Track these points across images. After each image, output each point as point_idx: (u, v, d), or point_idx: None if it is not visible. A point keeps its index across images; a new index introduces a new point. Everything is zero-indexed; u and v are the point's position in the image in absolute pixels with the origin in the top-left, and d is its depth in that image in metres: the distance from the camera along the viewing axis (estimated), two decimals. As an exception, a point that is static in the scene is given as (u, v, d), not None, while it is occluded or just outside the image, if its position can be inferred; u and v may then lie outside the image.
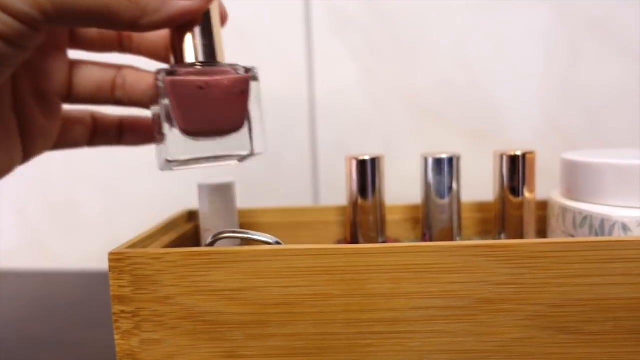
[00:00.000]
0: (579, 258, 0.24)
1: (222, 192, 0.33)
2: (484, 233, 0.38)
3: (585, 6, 0.44)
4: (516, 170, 0.32)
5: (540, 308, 0.24)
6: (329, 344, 0.25)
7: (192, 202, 0.44)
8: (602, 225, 0.28)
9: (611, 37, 0.44)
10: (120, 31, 0.25)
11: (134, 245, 0.27)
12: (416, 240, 0.37)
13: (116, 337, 0.25)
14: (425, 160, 0.32)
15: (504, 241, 0.24)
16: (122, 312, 0.25)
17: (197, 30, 0.24)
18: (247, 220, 0.38)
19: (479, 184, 0.43)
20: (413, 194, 0.37)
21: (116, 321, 0.25)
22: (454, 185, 0.32)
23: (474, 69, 0.46)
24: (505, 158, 0.32)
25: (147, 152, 0.49)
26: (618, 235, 0.27)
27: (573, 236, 0.30)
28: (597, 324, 0.24)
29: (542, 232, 0.36)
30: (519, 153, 0.32)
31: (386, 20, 0.46)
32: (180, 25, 0.24)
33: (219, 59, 0.25)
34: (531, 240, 0.24)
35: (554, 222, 0.33)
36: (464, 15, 0.45)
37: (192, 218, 0.37)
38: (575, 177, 0.31)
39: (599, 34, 0.44)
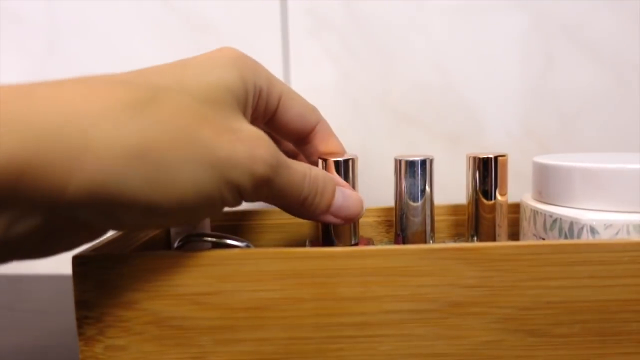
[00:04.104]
0: (548, 261, 0.24)
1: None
2: (458, 235, 0.38)
3: (560, 12, 0.45)
4: (488, 172, 0.32)
5: (509, 311, 0.24)
6: (299, 349, 0.25)
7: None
8: (571, 228, 0.28)
9: (585, 43, 0.45)
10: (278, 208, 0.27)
11: (99, 248, 0.26)
12: (390, 242, 0.37)
13: (80, 343, 0.24)
14: (398, 162, 0.32)
15: (473, 244, 0.24)
16: (86, 317, 0.24)
17: None
18: (219, 223, 0.38)
19: (454, 187, 0.43)
20: (390, 197, 0.37)
21: (80, 327, 0.24)
22: (427, 188, 0.32)
23: (449, 72, 0.46)
24: (477, 161, 0.32)
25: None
26: (586, 238, 0.27)
27: (544, 239, 0.30)
28: (565, 327, 0.24)
29: (515, 234, 0.36)
30: (490, 156, 0.32)
31: (363, 23, 0.46)
32: None
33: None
34: (500, 243, 0.24)
35: (525, 225, 0.33)
36: (440, 20, 0.46)
37: (164, 221, 0.37)
38: (545, 180, 0.31)
39: (573, 39, 0.45)
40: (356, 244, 0.30)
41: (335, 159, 0.30)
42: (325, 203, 0.26)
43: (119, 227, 0.21)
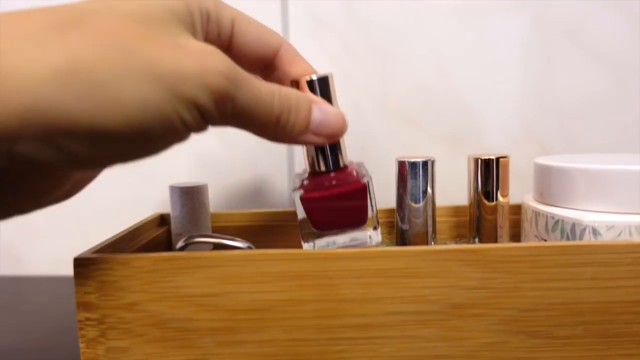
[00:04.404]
0: (550, 262, 0.24)
1: (194, 195, 0.32)
2: (459, 237, 0.38)
3: (560, 13, 0.45)
4: (490, 174, 0.32)
5: (511, 312, 0.24)
6: (301, 350, 0.24)
7: (167, 205, 0.44)
8: (573, 229, 0.28)
9: (585, 44, 0.45)
10: (257, 136, 0.25)
11: (100, 250, 0.26)
12: (391, 244, 0.37)
13: (81, 345, 0.24)
14: (400, 164, 0.32)
15: (475, 245, 0.24)
16: (88, 319, 0.24)
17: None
18: (221, 224, 0.37)
19: (455, 188, 0.43)
20: (389, 198, 0.37)
21: (81, 329, 0.24)
22: (429, 189, 0.32)
23: (449, 74, 0.46)
24: (479, 162, 0.32)
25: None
26: (588, 239, 0.27)
27: (545, 240, 0.30)
28: (567, 328, 0.24)
29: (516, 235, 0.36)
30: (492, 157, 0.32)
31: (363, 24, 0.46)
32: None
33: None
34: (502, 245, 0.24)
35: (527, 226, 0.33)
36: (440, 21, 0.46)
37: (164, 222, 0.37)
38: (547, 182, 0.31)
39: (573, 40, 0.45)
40: (345, 167, 0.28)
41: (308, 78, 0.27)
42: (302, 121, 0.24)
43: (71, 160, 0.19)
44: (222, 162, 0.49)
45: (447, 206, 0.39)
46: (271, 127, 0.23)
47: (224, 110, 0.21)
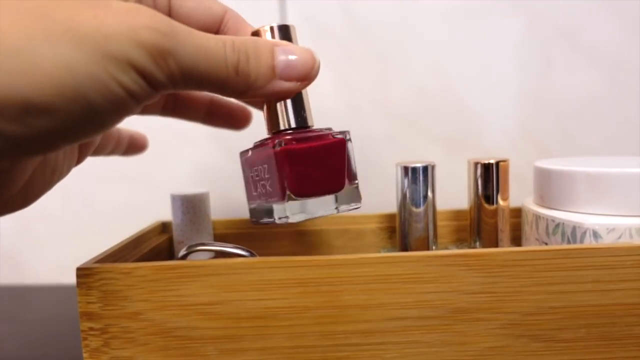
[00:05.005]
0: (551, 266, 0.24)
1: (195, 203, 0.33)
2: (460, 241, 0.38)
3: (558, 16, 0.45)
4: (490, 178, 0.32)
5: (514, 316, 0.24)
6: (304, 357, 0.25)
7: (168, 212, 0.44)
8: (574, 232, 0.28)
9: (583, 46, 0.45)
10: (225, 96, 0.24)
11: (102, 259, 0.26)
12: (392, 249, 0.37)
13: (84, 355, 0.24)
14: (400, 169, 0.32)
15: (477, 250, 0.24)
16: (91, 329, 0.24)
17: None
18: (223, 231, 0.37)
19: (454, 192, 0.43)
20: (390, 203, 0.37)
21: (85, 339, 0.24)
22: (429, 194, 0.32)
23: (448, 77, 0.46)
24: (479, 166, 0.32)
25: (119, 162, 0.48)
26: (589, 242, 0.27)
27: (546, 243, 0.30)
28: (569, 331, 0.24)
29: (516, 238, 0.36)
30: (492, 161, 0.32)
31: (362, 29, 0.46)
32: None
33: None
34: (504, 249, 0.24)
35: (527, 230, 0.33)
36: (438, 25, 0.46)
37: (166, 230, 0.37)
38: (547, 185, 0.31)
39: (570, 43, 0.45)
40: (307, 127, 0.26)
41: (267, 27, 0.25)
42: (265, 66, 0.22)
43: (9, 144, 0.17)
44: (223, 169, 0.49)
45: (447, 210, 0.39)
46: (231, 80, 0.21)
47: (169, 69, 0.19)
